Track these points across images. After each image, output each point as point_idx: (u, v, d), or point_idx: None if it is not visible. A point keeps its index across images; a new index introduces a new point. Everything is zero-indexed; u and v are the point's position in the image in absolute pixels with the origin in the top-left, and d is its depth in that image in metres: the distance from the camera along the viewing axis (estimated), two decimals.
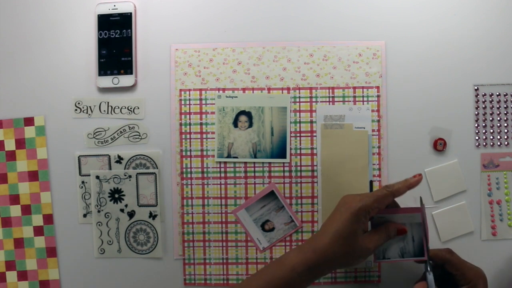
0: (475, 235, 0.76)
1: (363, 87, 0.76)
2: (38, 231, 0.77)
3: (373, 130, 0.75)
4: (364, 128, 0.75)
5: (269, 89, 0.76)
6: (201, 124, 0.76)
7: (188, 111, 0.76)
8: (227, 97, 0.76)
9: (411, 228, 0.68)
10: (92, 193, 0.76)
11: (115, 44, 0.75)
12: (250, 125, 0.76)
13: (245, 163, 0.76)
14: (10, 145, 0.77)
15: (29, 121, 0.77)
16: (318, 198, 0.76)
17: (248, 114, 0.76)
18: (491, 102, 0.76)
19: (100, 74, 0.76)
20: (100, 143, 0.77)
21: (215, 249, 0.76)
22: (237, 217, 0.76)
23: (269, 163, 0.76)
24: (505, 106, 0.76)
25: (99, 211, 0.76)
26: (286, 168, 0.76)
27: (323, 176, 0.75)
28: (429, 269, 0.67)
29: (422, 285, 0.65)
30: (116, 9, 0.75)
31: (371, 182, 0.75)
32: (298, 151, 0.76)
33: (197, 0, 0.76)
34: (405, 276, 0.75)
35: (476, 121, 0.76)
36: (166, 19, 0.77)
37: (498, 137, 0.76)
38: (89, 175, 0.77)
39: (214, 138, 0.76)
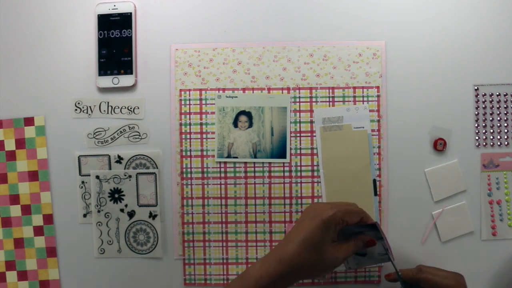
0: (475, 235, 0.76)
1: (363, 87, 0.76)
2: (38, 231, 0.77)
3: (373, 130, 0.75)
4: (363, 127, 0.75)
5: (269, 89, 0.76)
6: (201, 124, 0.76)
7: (188, 111, 0.76)
8: (227, 97, 0.76)
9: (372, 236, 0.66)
10: (92, 193, 0.76)
11: (115, 44, 0.75)
12: (250, 125, 0.76)
13: (245, 163, 0.76)
14: (10, 145, 0.77)
15: (29, 121, 0.77)
16: (322, 201, 0.75)
17: (248, 114, 0.76)
18: (491, 102, 0.76)
19: (100, 74, 0.76)
20: (100, 143, 0.77)
21: (215, 249, 0.76)
22: (287, 231, 0.75)
23: (269, 163, 0.76)
24: (505, 106, 0.76)
25: (99, 211, 0.76)
26: (286, 168, 0.76)
27: (326, 179, 0.75)
28: (400, 276, 0.67)
29: None
30: (116, 9, 0.75)
31: (374, 181, 0.75)
32: (298, 151, 0.76)
33: (197, 0, 0.77)
34: None
35: (476, 121, 0.76)
36: (166, 19, 0.77)
37: (498, 137, 0.76)
38: (89, 175, 0.77)
39: (214, 138, 0.76)
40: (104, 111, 0.77)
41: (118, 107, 0.77)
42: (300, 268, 0.59)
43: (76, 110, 0.77)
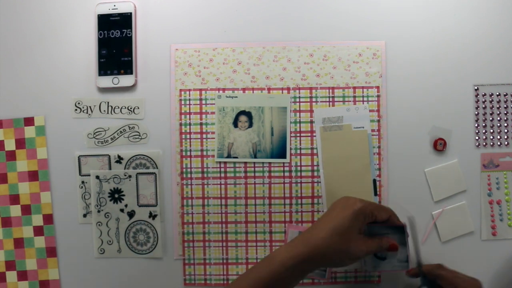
0: (475, 235, 0.76)
1: (363, 87, 0.76)
2: (38, 231, 0.77)
3: (373, 130, 0.75)
4: (363, 127, 0.75)
5: (269, 89, 0.76)
6: (201, 124, 0.76)
7: (188, 111, 0.76)
8: (227, 97, 0.76)
9: (397, 240, 0.67)
10: (92, 193, 0.76)
11: (115, 44, 0.75)
12: (250, 125, 0.76)
13: (245, 163, 0.76)
14: (10, 145, 0.77)
15: (29, 121, 0.77)
16: (322, 201, 0.75)
17: (248, 114, 0.76)
18: (491, 102, 0.76)
19: (100, 74, 0.76)
20: (100, 143, 0.77)
21: (215, 249, 0.76)
22: (287, 231, 0.76)
23: (269, 163, 0.76)
24: (505, 106, 0.76)
25: (99, 211, 0.76)
26: (286, 168, 0.76)
27: (326, 179, 0.75)
28: (421, 283, 0.68)
29: None
30: (116, 9, 0.75)
31: (374, 181, 0.75)
32: (298, 151, 0.76)
33: (197, 0, 0.77)
34: (406, 277, 0.75)
35: (476, 121, 0.76)
36: (166, 19, 0.77)
37: (498, 137, 0.76)
38: (89, 175, 0.77)
39: (214, 138, 0.76)
40: (104, 111, 0.77)
41: (118, 107, 0.77)
42: (325, 253, 0.61)
43: (76, 110, 0.77)
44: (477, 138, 0.76)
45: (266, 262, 0.62)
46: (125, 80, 0.76)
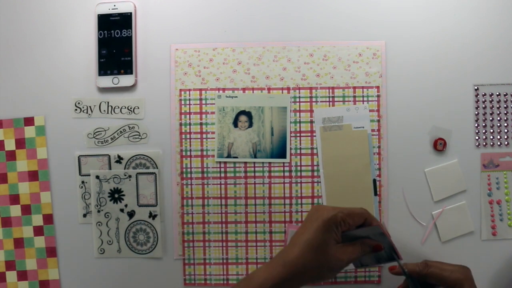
0: (475, 235, 0.76)
1: (363, 87, 0.76)
2: (38, 231, 0.77)
3: (373, 130, 0.75)
4: (363, 127, 0.75)
5: (269, 89, 0.76)
6: (201, 124, 0.76)
7: (188, 111, 0.76)
8: (227, 97, 0.76)
9: (378, 238, 0.65)
10: (92, 193, 0.76)
11: (115, 44, 0.75)
12: (250, 125, 0.76)
13: (245, 163, 0.76)
14: (10, 145, 0.77)
15: (29, 121, 0.77)
16: (322, 201, 0.75)
17: (248, 114, 0.76)
18: (491, 102, 0.76)
19: (100, 74, 0.76)
20: (100, 143, 0.77)
21: (215, 249, 0.76)
22: (287, 231, 0.75)
23: (269, 163, 0.76)
24: (505, 106, 0.76)
25: (99, 211, 0.76)
26: (286, 168, 0.76)
27: (326, 179, 0.75)
28: (406, 272, 0.66)
29: None
30: (116, 9, 0.75)
31: (374, 181, 0.75)
32: (298, 151, 0.76)
33: (197, 0, 0.77)
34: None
35: (476, 121, 0.76)
36: (166, 19, 0.77)
37: (498, 137, 0.76)
38: (89, 175, 0.77)
39: (214, 138, 0.76)
40: (104, 111, 0.77)
41: (118, 107, 0.77)
42: (304, 271, 0.59)
43: (76, 110, 0.77)
44: (477, 138, 0.76)
45: (244, 284, 0.59)
46: (125, 80, 0.76)
